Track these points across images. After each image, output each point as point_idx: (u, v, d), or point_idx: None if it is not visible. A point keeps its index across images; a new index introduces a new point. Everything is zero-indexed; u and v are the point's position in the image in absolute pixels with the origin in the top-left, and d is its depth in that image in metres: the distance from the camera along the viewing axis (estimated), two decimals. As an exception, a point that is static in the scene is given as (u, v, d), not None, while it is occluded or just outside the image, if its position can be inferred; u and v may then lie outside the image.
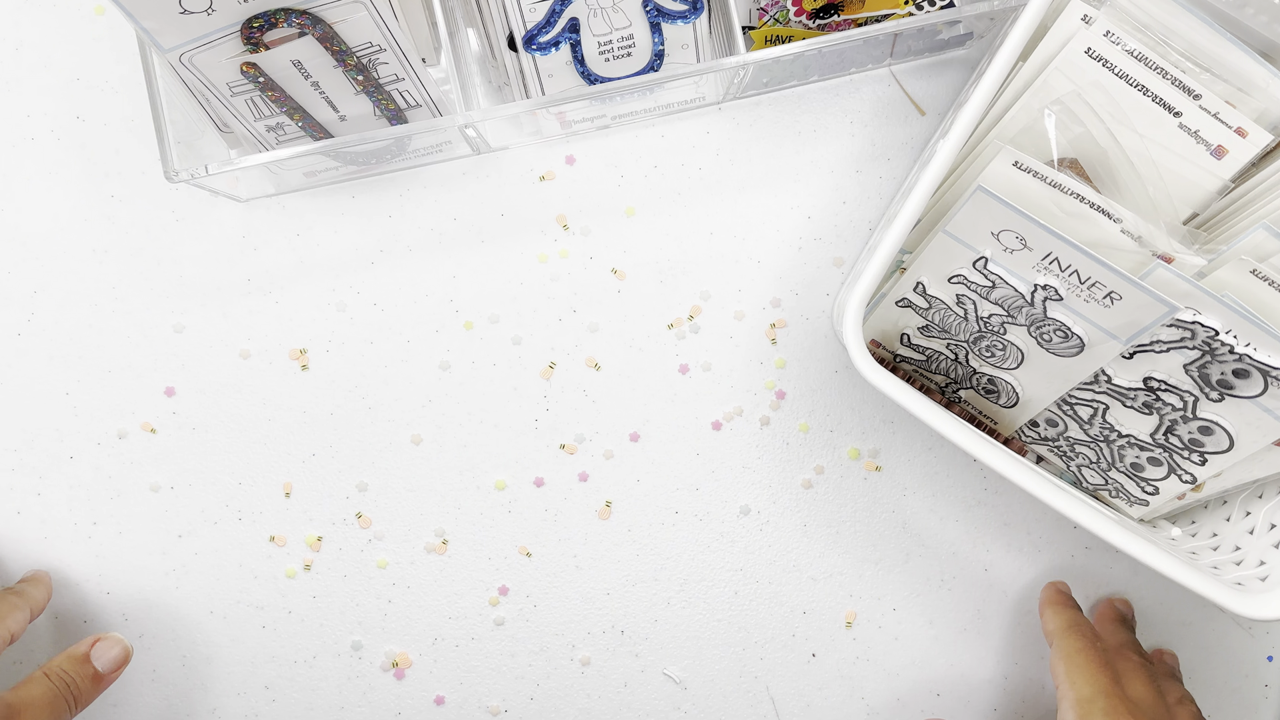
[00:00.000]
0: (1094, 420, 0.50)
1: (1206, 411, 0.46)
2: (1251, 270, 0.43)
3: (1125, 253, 0.45)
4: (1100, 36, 0.46)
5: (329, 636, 0.56)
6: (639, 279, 0.56)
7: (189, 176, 0.47)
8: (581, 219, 0.56)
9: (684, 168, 0.56)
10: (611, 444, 0.56)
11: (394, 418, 0.56)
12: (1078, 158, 0.46)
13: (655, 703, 0.56)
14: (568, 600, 0.56)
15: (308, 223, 0.56)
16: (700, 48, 0.50)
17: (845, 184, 0.57)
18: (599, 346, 0.56)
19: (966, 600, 0.57)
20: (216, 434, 0.56)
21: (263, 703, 0.56)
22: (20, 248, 0.55)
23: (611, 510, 0.56)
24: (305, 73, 0.46)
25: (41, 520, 0.55)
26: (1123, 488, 0.52)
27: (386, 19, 0.45)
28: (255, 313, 0.56)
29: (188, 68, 0.45)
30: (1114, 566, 0.57)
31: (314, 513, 0.56)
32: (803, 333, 0.57)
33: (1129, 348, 0.46)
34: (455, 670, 0.56)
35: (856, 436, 0.57)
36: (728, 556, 0.56)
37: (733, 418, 0.57)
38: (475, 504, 0.56)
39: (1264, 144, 0.46)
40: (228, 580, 0.55)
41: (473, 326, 0.56)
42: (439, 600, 0.56)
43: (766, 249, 0.57)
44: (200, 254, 0.56)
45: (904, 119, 0.57)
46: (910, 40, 0.53)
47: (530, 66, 0.50)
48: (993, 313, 0.48)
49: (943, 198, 0.49)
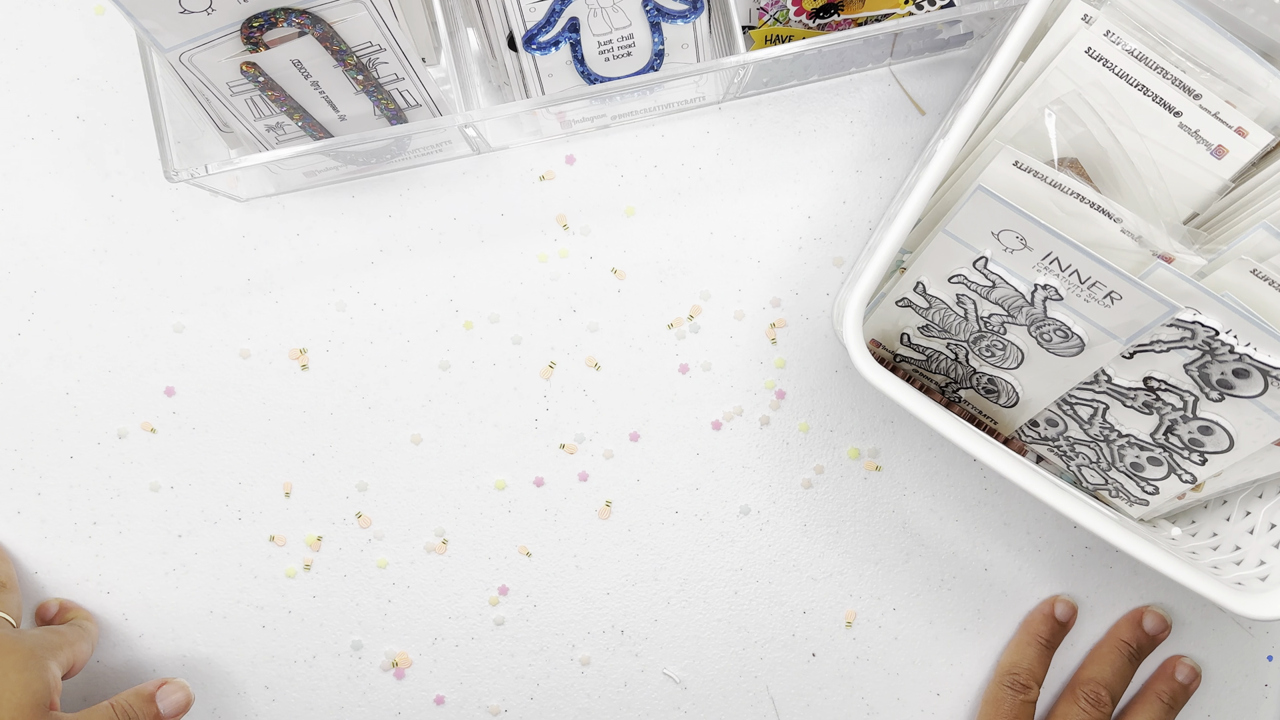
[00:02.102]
0: (1094, 420, 0.50)
1: (1206, 411, 0.46)
2: (1252, 270, 0.43)
3: (1125, 252, 0.45)
4: (1100, 36, 0.46)
5: (329, 636, 0.56)
6: (639, 279, 0.56)
7: (189, 176, 0.47)
8: (581, 219, 0.56)
9: (684, 167, 0.56)
10: (611, 444, 0.56)
11: (394, 417, 0.56)
12: (1078, 157, 0.46)
13: (655, 703, 0.56)
14: (568, 600, 0.56)
15: (308, 222, 0.56)
16: (700, 47, 0.50)
17: (845, 184, 0.57)
18: (599, 346, 0.56)
19: (966, 600, 0.57)
20: (216, 434, 0.56)
21: (263, 703, 0.56)
22: (20, 248, 0.55)
23: (611, 510, 0.56)
24: (305, 72, 0.46)
25: (41, 520, 0.55)
26: (1123, 487, 0.52)
27: (386, 19, 0.45)
28: (255, 312, 0.56)
29: (188, 67, 0.45)
30: (1114, 566, 0.57)
31: (314, 512, 0.56)
32: (803, 332, 0.57)
33: (1129, 347, 0.46)
34: (455, 670, 0.56)
35: (856, 436, 0.57)
36: (728, 556, 0.56)
37: (733, 417, 0.57)
38: (475, 504, 0.56)
39: (1264, 144, 0.46)
40: (228, 580, 0.55)
41: (473, 326, 0.56)
42: (439, 600, 0.56)
43: (766, 249, 0.57)
44: (200, 254, 0.56)
45: (904, 119, 0.57)
46: (910, 40, 0.53)
47: (530, 66, 0.50)
48: (993, 312, 0.48)
49: (943, 197, 0.49)
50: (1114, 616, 0.57)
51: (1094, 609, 0.57)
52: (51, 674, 0.47)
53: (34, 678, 0.46)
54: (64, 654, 0.49)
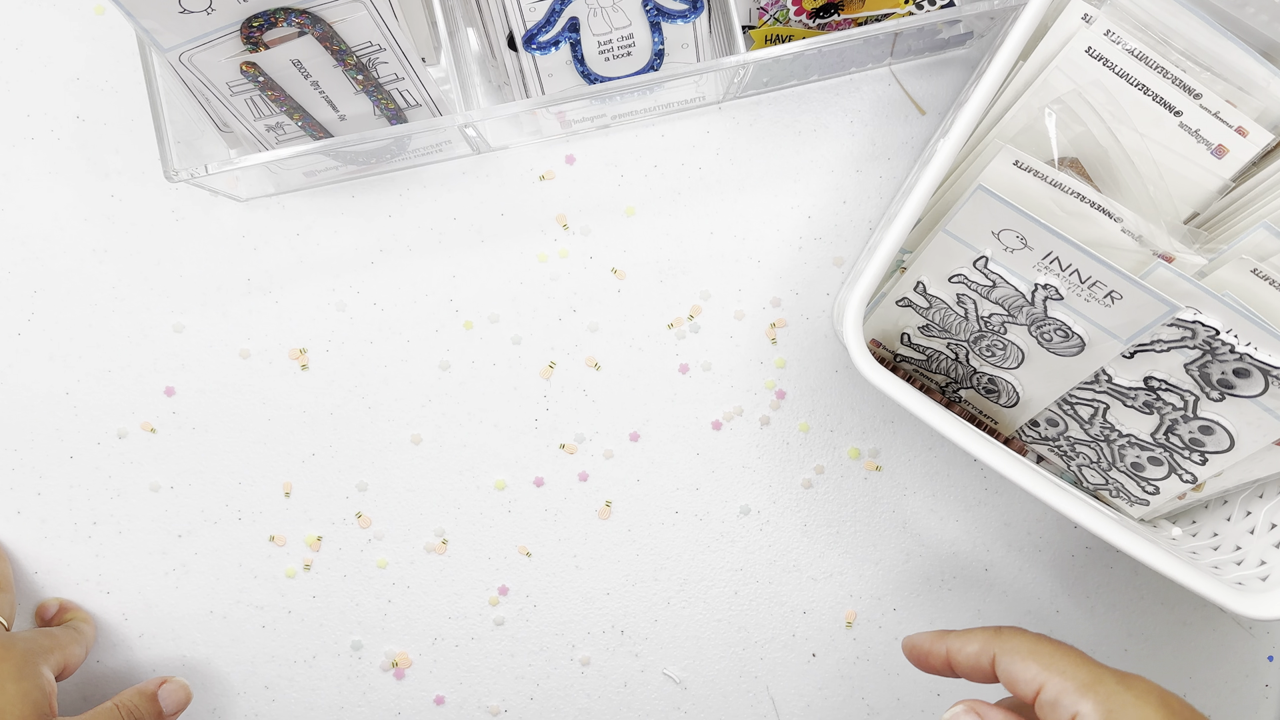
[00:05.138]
0: (1094, 420, 0.50)
1: (1207, 411, 0.46)
2: (1252, 269, 0.43)
3: (1126, 252, 0.45)
4: (1101, 35, 0.46)
5: (329, 636, 0.56)
6: (639, 279, 0.56)
7: (189, 176, 0.47)
8: (581, 218, 0.56)
9: (684, 167, 0.56)
10: (611, 444, 0.56)
11: (394, 417, 0.56)
12: (1078, 157, 0.46)
13: (655, 703, 0.56)
14: (568, 600, 0.56)
15: (307, 222, 0.56)
16: (700, 47, 0.50)
17: (845, 183, 0.57)
18: (599, 346, 0.56)
19: (966, 600, 0.57)
20: (216, 434, 0.56)
21: (263, 703, 0.55)
22: (20, 247, 0.55)
23: (611, 510, 0.56)
24: (305, 72, 0.46)
25: (41, 520, 0.55)
26: (1123, 487, 0.52)
27: (386, 18, 0.45)
28: (255, 312, 0.56)
29: (188, 67, 0.45)
30: (1114, 566, 0.57)
31: (314, 512, 0.56)
32: (803, 332, 0.57)
33: (1129, 347, 0.46)
34: (455, 670, 0.56)
35: (857, 436, 0.57)
36: (728, 556, 0.56)
37: (733, 417, 0.56)
38: (475, 504, 0.56)
39: (1264, 143, 0.46)
40: (228, 580, 0.55)
41: (472, 326, 0.56)
42: (439, 600, 0.56)
43: (766, 248, 0.57)
44: (200, 254, 0.56)
45: (904, 118, 0.57)
46: (910, 40, 0.53)
47: (530, 66, 0.50)
48: (993, 312, 0.48)
49: (943, 197, 0.49)
50: (1114, 616, 0.57)
51: (1094, 609, 0.57)
52: (46, 679, 0.47)
53: (31, 686, 0.46)
54: (55, 657, 0.49)
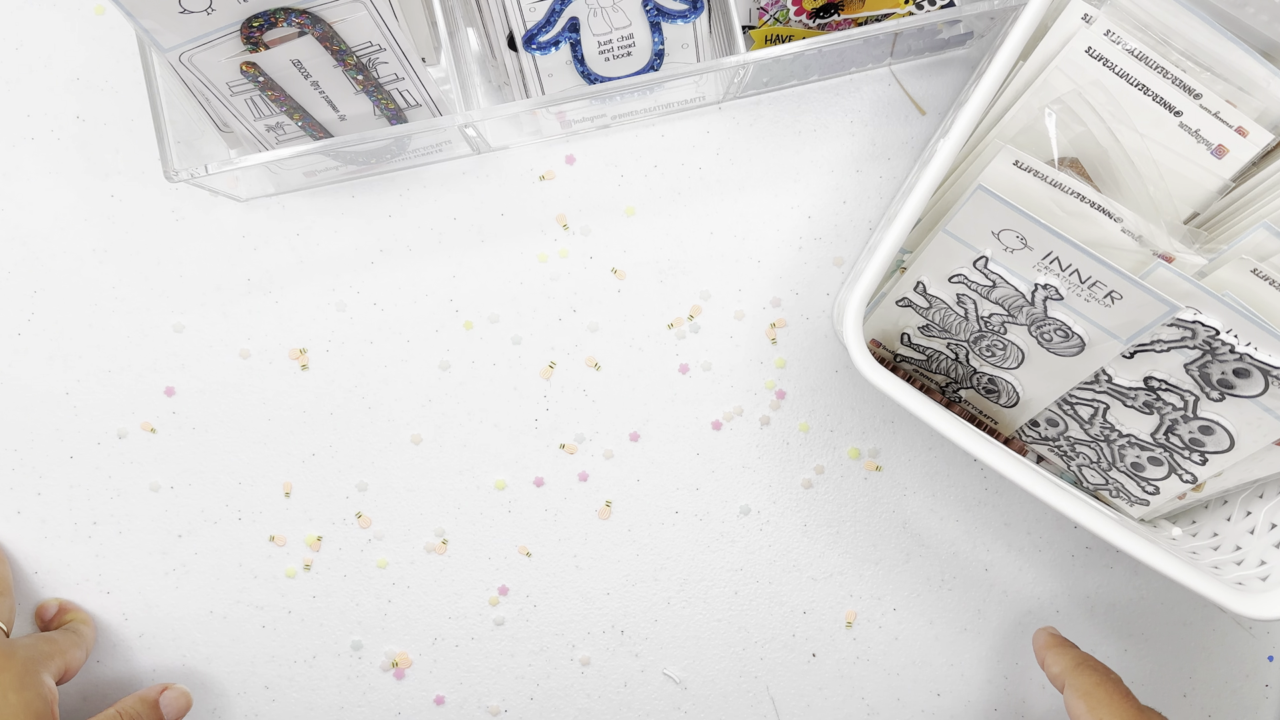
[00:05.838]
0: (1094, 420, 0.50)
1: (1207, 411, 0.46)
2: (1252, 269, 0.43)
3: (1126, 252, 0.45)
4: (1101, 35, 0.46)
5: (329, 636, 0.56)
6: (639, 279, 0.56)
7: (189, 176, 0.47)
8: (581, 219, 0.56)
9: (684, 167, 0.56)
10: (611, 444, 0.56)
11: (394, 418, 0.56)
12: (1078, 157, 0.46)
13: (655, 703, 0.56)
14: (568, 600, 0.56)
15: (307, 222, 0.56)
16: (700, 47, 0.50)
17: (845, 183, 0.57)
18: (599, 346, 0.56)
19: (966, 600, 0.57)
20: (216, 434, 0.56)
21: (263, 703, 0.55)
22: (20, 248, 0.55)
23: (611, 510, 0.56)
24: (305, 72, 0.46)
25: (41, 520, 0.55)
26: (1123, 487, 0.52)
27: (386, 18, 0.45)
28: (255, 312, 0.56)
29: (188, 67, 0.45)
30: (1114, 566, 0.57)
31: (314, 513, 0.56)
32: (803, 332, 0.57)
33: (1129, 347, 0.46)
34: (455, 670, 0.56)
35: (857, 436, 0.57)
36: (728, 556, 0.56)
37: (733, 417, 0.56)
38: (475, 504, 0.56)
39: (1264, 143, 0.46)
40: (228, 580, 0.55)
41: (472, 326, 0.56)
42: (439, 600, 0.56)
43: (766, 249, 0.57)
44: (200, 254, 0.56)
45: (904, 118, 0.57)
46: (910, 40, 0.53)
47: (530, 66, 0.50)
48: (993, 312, 0.48)
49: (943, 197, 0.49)
50: (1114, 616, 0.57)
51: (1094, 609, 0.57)
52: (47, 687, 0.47)
53: (33, 696, 0.46)
54: (56, 663, 0.49)
